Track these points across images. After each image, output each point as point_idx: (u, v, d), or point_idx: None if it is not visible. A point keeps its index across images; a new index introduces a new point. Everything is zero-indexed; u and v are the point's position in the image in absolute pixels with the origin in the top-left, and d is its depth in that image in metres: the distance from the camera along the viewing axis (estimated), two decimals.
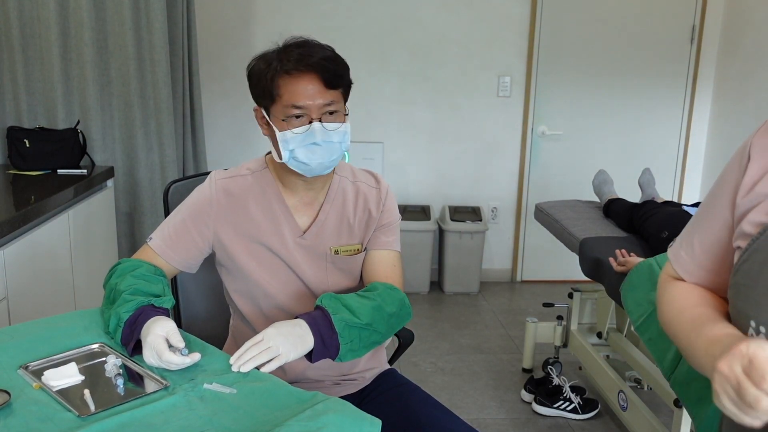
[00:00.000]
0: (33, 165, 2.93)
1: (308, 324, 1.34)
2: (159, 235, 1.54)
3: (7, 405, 1.13)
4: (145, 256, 1.53)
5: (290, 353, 1.30)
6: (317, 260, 1.55)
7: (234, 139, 4.01)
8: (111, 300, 1.43)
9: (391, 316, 1.45)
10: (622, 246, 2.51)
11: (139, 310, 1.35)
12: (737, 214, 1.01)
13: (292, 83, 1.41)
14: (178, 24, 3.30)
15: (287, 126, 1.43)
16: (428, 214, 4.07)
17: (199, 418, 1.12)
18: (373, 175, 1.64)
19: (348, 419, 1.12)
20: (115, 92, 3.16)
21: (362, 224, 1.58)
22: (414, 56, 4.01)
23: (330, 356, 1.36)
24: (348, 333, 1.36)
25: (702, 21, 4.10)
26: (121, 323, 1.34)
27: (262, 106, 1.48)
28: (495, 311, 3.90)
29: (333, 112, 1.44)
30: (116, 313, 1.36)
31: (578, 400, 2.73)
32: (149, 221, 3.28)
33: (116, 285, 1.42)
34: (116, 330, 1.35)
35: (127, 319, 1.34)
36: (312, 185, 1.54)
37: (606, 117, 4.20)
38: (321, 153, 1.44)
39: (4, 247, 2.14)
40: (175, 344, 1.28)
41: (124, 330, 1.34)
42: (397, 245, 1.61)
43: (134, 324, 1.33)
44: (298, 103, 1.41)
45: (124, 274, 1.44)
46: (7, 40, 3.02)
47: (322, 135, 1.42)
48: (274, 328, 1.32)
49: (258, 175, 1.56)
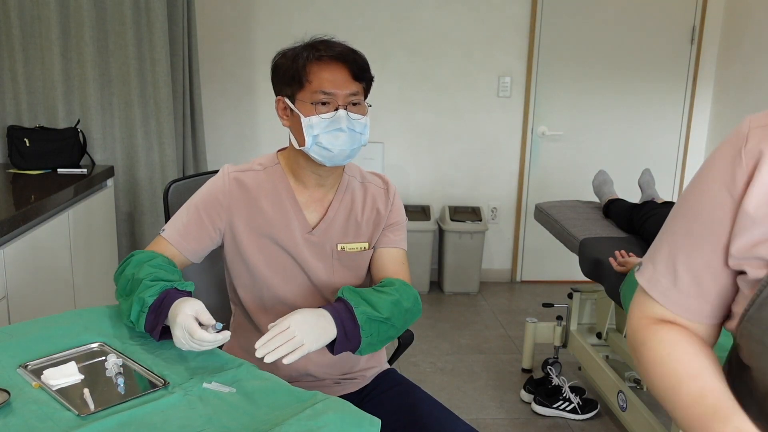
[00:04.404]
0: (33, 164, 2.93)
1: (332, 315, 1.35)
2: (172, 226, 1.55)
3: (7, 404, 1.13)
4: (158, 248, 1.53)
5: (313, 344, 1.30)
6: (324, 256, 1.57)
7: (234, 138, 4.01)
8: (128, 290, 1.41)
9: (407, 311, 1.47)
10: (621, 246, 2.51)
11: (163, 294, 1.34)
12: (741, 230, 0.83)
13: (322, 70, 1.45)
14: (179, 24, 3.30)
15: (314, 111, 1.45)
16: (428, 214, 4.07)
17: (199, 417, 1.12)
18: (381, 177, 1.68)
19: (348, 418, 1.12)
20: (115, 91, 3.16)
21: (370, 223, 1.61)
22: (414, 56, 4.02)
23: (351, 349, 1.37)
24: (369, 327, 1.37)
25: (702, 21, 4.10)
26: (145, 308, 1.33)
27: (286, 94, 1.50)
28: (495, 311, 3.90)
29: (356, 103, 1.48)
30: (139, 298, 1.34)
31: (578, 400, 2.73)
32: (149, 221, 3.28)
33: (134, 275, 1.41)
34: (139, 316, 1.34)
35: (152, 303, 1.33)
36: (324, 181, 1.57)
37: (606, 117, 4.20)
38: (344, 139, 1.47)
39: (4, 247, 2.14)
40: (205, 322, 1.27)
41: (149, 316, 1.33)
42: (404, 244, 1.65)
43: (159, 308, 1.32)
44: (326, 90, 1.45)
45: (140, 264, 1.44)
46: (8, 39, 3.02)
47: (347, 122, 1.46)
48: (299, 315, 1.31)
49: (270, 170, 1.58)
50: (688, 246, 0.90)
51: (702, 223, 0.88)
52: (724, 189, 0.85)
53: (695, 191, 0.90)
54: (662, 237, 0.94)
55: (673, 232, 0.92)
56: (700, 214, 0.88)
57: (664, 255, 0.93)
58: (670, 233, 0.93)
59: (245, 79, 3.94)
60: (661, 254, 0.93)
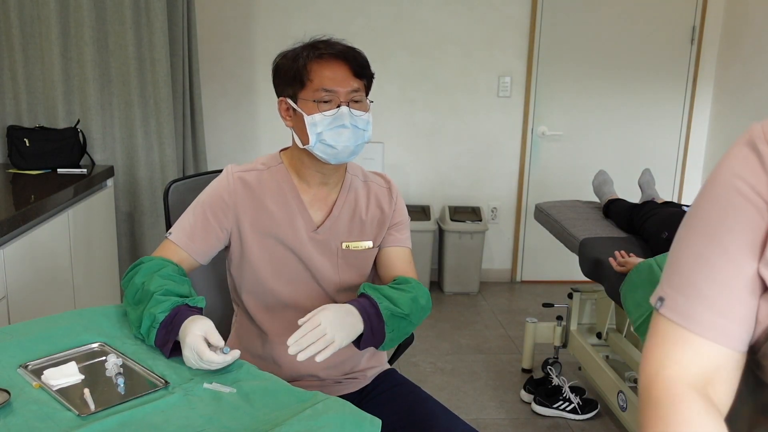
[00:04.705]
0: (33, 164, 2.93)
1: (359, 311, 1.36)
2: (178, 228, 1.54)
3: (7, 404, 1.13)
4: (167, 252, 1.52)
5: (344, 340, 1.31)
6: (329, 255, 1.58)
7: (234, 138, 4.01)
8: (136, 300, 1.41)
9: (422, 308, 1.50)
10: (622, 246, 2.51)
11: (174, 311, 1.34)
12: None
13: (323, 68, 1.46)
14: (179, 23, 3.30)
15: (317, 109, 1.46)
16: (428, 214, 4.07)
17: (199, 418, 1.12)
18: (382, 176, 1.69)
19: (348, 419, 1.12)
20: (115, 91, 3.16)
21: (374, 222, 1.62)
22: (414, 56, 4.01)
23: (375, 344, 1.40)
24: (392, 322, 1.41)
25: (702, 21, 4.10)
26: (156, 324, 1.32)
27: (288, 95, 1.51)
28: (495, 311, 3.90)
29: (358, 100, 1.50)
30: (150, 314, 1.34)
31: (578, 400, 2.73)
32: (149, 221, 3.28)
33: (143, 285, 1.40)
34: (149, 331, 1.34)
35: (163, 320, 1.32)
36: (327, 180, 1.57)
37: (606, 117, 4.20)
38: (348, 136, 1.48)
39: (4, 247, 2.14)
40: (214, 343, 1.27)
41: (159, 332, 1.32)
42: (409, 243, 1.67)
43: (170, 325, 1.32)
44: (328, 87, 1.46)
45: (150, 273, 1.43)
46: (8, 39, 3.02)
47: (350, 118, 1.47)
48: (329, 311, 1.31)
49: (273, 170, 1.58)
50: (712, 259, 0.80)
51: (727, 231, 0.79)
52: (748, 188, 0.78)
53: (709, 200, 0.83)
54: (677, 258, 0.84)
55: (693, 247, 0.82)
56: (723, 223, 0.79)
57: (684, 274, 0.81)
58: (689, 251, 0.82)
59: (245, 79, 3.94)
60: (680, 276, 0.82)
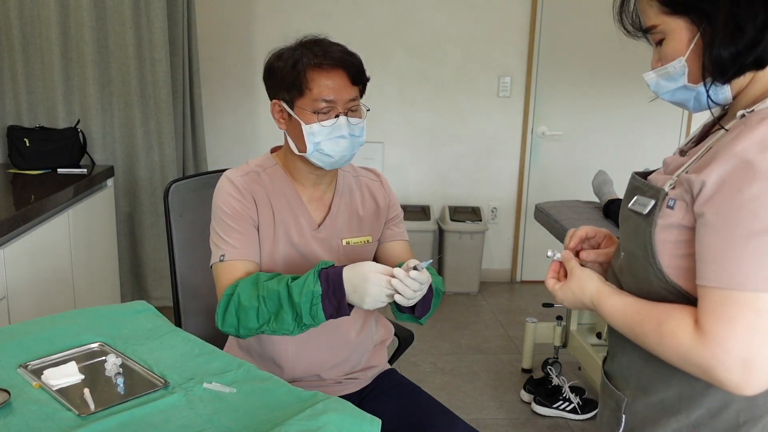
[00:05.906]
0: (33, 164, 2.93)
1: None
2: (224, 248, 1.49)
3: (7, 404, 1.13)
4: (232, 274, 1.47)
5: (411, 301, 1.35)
6: (331, 252, 1.59)
7: (234, 138, 4.01)
8: (275, 309, 1.37)
9: (441, 294, 1.59)
10: None
11: (323, 276, 1.35)
12: None
13: (323, 77, 1.44)
14: (179, 24, 3.30)
15: (315, 119, 1.46)
16: (428, 214, 4.07)
17: (199, 418, 1.12)
18: (371, 170, 1.71)
19: (348, 419, 1.12)
20: (115, 91, 3.16)
21: (371, 216, 1.63)
22: (414, 56, 4.01)
23: (422, 314, 1.48)
24: (436, 298, 1.52)
25: None
26: (317, 299, 1.33)
27: (284, 99, 1.50)
28: (495, 311, 3.90)
29: (355, 109, 1.50)
30: (307, 292, 1.33)
31: (577, 400, 2.73)
32: (149, 221, 3.28)
33: (263, 298, 1.37)
34: (312, 309, 1.34)
35: (321, 292, 1.33)
36: (321, 180, 1.58)
37: (606, 117, 4.20)
38: (345, 145, 1.48)
39: (4, 246, 2.14)
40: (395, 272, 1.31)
41: (324, 302, 1.33)
42: (407, 235, 1.71)
43: (330, 289, 1.34)
44: (327, 98, 1.45)
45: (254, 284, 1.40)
46: (8, 39, 3.02)
47: (348, 128, 1.48)
48: None
49: (270, 171, 1.58)
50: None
51: None
52: None
53: None
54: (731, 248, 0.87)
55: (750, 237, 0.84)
56: None
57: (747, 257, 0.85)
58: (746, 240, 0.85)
59: (245, 79, 3.93)
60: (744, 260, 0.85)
